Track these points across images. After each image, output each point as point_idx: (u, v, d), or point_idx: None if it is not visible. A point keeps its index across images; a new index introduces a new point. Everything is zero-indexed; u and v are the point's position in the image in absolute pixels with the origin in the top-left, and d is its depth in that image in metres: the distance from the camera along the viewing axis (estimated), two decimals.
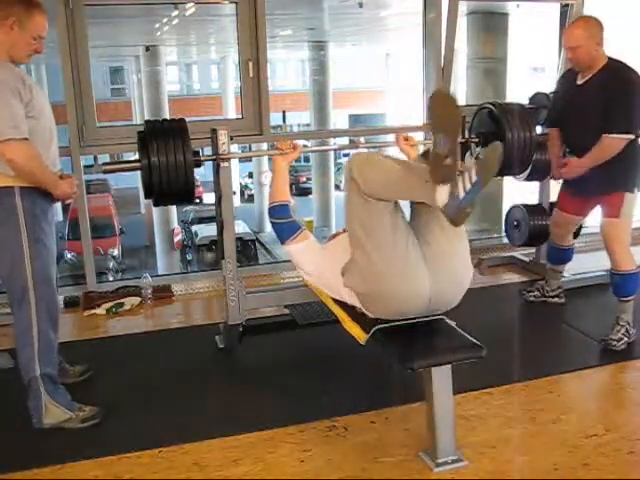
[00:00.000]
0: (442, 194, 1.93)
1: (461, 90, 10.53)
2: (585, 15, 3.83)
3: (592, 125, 2.96)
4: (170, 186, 2.62)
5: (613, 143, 2.93)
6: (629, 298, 3.04)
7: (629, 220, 3.07)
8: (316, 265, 2.45)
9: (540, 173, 3.66)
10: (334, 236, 2.70)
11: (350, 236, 2.21)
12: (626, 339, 2.99)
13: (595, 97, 2.97)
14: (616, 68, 2.98)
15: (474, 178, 1.88)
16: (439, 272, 2.12)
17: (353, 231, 2.18)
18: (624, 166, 2.99)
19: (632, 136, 2.93)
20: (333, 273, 2.34)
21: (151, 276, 3.94)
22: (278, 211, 2.52)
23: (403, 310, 2.17)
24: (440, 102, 1.98)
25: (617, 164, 2.96)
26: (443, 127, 1.92)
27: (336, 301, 2.40)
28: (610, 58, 3.00)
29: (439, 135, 1.92)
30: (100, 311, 3.64)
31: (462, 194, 1.89)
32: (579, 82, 3.08)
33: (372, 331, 2.21)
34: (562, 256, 3.52)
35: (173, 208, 15.31)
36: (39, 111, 2.36)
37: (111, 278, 12.77)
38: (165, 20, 12.33)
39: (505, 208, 4.17)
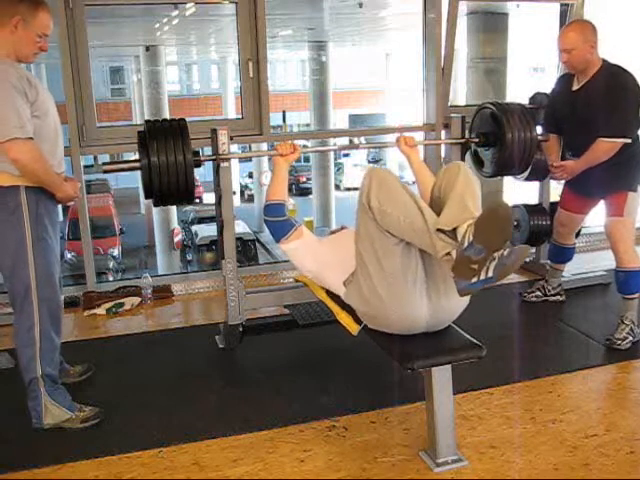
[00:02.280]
0: None
1: (461, 90, 10.54)
2: (579, 19, 3.84)
3: (592, 130, 2.97)
4: (170, 186, 2.61)
5: (607, 147, 2.95)
6: (633, 296, 3.04)
7: (633, 218, 3.09)
8: (313, 262, 2.45)
9: (540, 173, 3.66)
10: (333, 232, 2.71)
11: (357, 253, 2.16)
12: (631, 338, 3.00)
13: (591, 103, 2.98)
14: (611, 72, 2.98)
15: (490, 274, 1.87)
16: (440, 306, 2.14)
17: (361, 251, 2.13)
18: (627, 166, 3.01)
19: (627, 140, 2.94)
20: (332, 270, 2.35)
21: (151, 276, 3.94)
22: (272, 209, 2.52)
23: (399, 331, 2.20)
24: (495, 219, 1.81)
25: (620, 164, 2.98)
26: (486, 242, 1.81)
27: (329, 293, 2.43)
28: (605, 61, 3.01)
29: (478, 245, 1.81)
30: (100, 311, 3.64)
31: (475, 280, 1.88)
32: (575, 88, 3.09)
33: (364, 323, 2.26)
34: (565, 255, 3.54)
35: (173, 208, 15.30)
36: (44, 111, 2.36)
37: (111, 278, 12.80)
38: (165, 20, 12.33)
39: None
